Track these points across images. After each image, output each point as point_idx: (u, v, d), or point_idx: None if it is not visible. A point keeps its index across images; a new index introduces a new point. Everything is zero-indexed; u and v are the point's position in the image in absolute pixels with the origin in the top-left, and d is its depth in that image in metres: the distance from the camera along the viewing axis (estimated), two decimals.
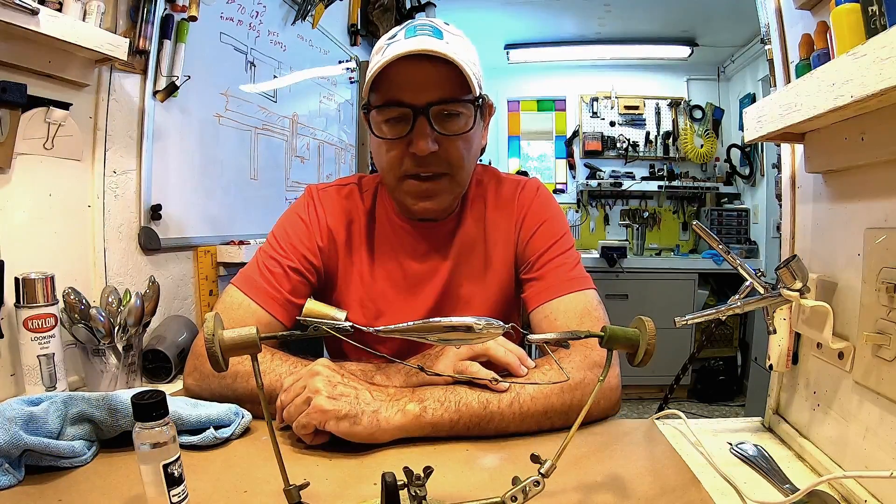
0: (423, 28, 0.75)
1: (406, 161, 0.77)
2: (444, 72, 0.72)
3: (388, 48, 0.73)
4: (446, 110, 0.75)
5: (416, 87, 0.73)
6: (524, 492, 0.45)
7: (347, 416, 0.59)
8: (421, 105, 0.73)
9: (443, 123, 0.75)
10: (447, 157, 0.77)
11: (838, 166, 0.61)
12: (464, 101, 0.75)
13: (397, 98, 0.74)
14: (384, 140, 0.77)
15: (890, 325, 0.51)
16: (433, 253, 0.87)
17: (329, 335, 0.44)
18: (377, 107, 0.76)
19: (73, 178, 0.96)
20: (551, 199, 0.92)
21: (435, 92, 0.74)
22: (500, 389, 0.65)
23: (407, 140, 0.75)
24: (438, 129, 0.75)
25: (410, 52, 0.70)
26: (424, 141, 0.73)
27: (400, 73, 0.72)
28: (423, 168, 0.77)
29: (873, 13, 0.48)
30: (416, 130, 0.74)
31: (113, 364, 0.85)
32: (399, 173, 0.78)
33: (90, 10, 0.89)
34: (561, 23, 3.24)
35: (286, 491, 0.44)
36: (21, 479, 0.52)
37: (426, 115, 0.73)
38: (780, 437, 0.69)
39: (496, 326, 0.45)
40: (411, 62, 0.71)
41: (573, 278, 0.81)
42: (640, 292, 3.22)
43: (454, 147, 0.77)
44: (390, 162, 0.78)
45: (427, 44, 0.71)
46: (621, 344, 0.48)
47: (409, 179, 0.78)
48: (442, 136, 0.75)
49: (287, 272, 0.81)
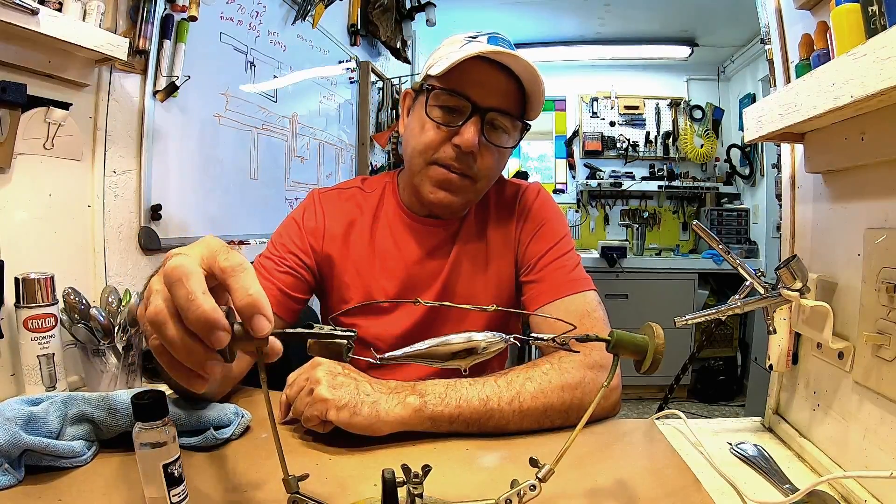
0: (504, 41, 0.79)
1: (444, 149, 0.78)
2: (513, 86, 0.78)
3: (468, 44, 0.76)
4: (499, 121, 0.78)
5: (486, 88, 0.76)
6: (519, 495, 0.45)
7: (347, 406, 0.60)
8: (483, 106, 0.76)
9: (489, 132, 0.78)
10: (480, 164, 0.79)
11: (838, 166, 0.61)
12: (516, 120, 0.80)
13: (464, 91, 0.76)
14: (430, 122, 0.78)
15: (890, 325, 0.51)
16: (435, 254, 0.88)
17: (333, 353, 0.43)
18: (443, 89, 0.77)
19: (73, 178, 0.96)
20: (551, 202, 0.93)
21: (498, 100, 0.77)
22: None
23: (454, 131, 0.77)
24: (485, 136, 0.78)
25: (496, 54, 0.74)
26: (473, 135, 0.75)
27: (474, 71, 0.76)
28: (456, 163, 0.78)
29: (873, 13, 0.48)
30: (467, 125, 0.76)
31: (113, 364, 0.85)
32: (430, 157, 0.79)
33: (90, 10, 0.89)
34: (561, 23, 3.24)
35: (284, 480, 0.43)
36: (21, 479, 0.51)
37: (482, 116, 0.76)
38: (780, 437, 0.69)
39: (499, 340, 0.45)
40: (488, 65, 0.76)
41: (573, 280, 0.81)
42: (640, 292, 3.22)
43: (489, 156, 0.80)
44: (426, 143, 0.79)
45: (525, 59, 0.75)
46: (628, 351, 0.46)
47: (437, 166, 0.79)
48: (485, 142, 0.78)
49: (279, 266, 0.83)
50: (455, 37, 0.81)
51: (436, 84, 0.78)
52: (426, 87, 0.79)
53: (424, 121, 0.79)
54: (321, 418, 0.61)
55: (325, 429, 0.62)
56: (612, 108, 3.80)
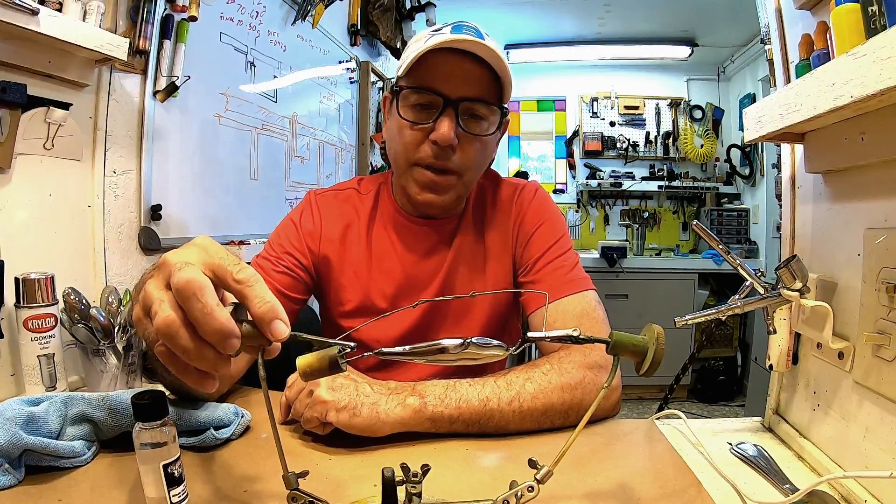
0: (469, 29, 0.77)
1: (423, 148, 0.77)
2: (482, 73, 0.75)
3: (431, 38, 0.74)
4: (474, 110, 0.77)
5: (452, 79, 0.75)
6: (517, 497, 0.44)
7: (347, 408, 0.60)
8: (453, 97, 0.75)
9: (467, 122, 0.77)
10: (462, 156, 0.78)
11: (838, 166, 0.60)
12: (492, 105, 0.77)
13: (433, 86, 0.75)
14: (406, 123, 0.77)
15: (890, 325, 0.51)
16: (432, 254, 0.88)
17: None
18: (411, 87, 0.76)
19: (73, 178, 0.96)
20: (549, 201, 0.92)
21: (469, 88, 0.75)
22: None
23: (429, 128, 0.76)
24: (462, 127, 0.76)
25: (461, 44, 0.72)
26: (448, 129, 0.74)
27: (440, 63, 0.74)
28: (437, 160, 0.77)
29: (873, 13, 0.48)
30: (441, 119, 0.75)
31: (113, 364, 0.85)
32: (412, 159, 0.79)
33: (90, 10, 0.89)
34: (561, 23, 3.24)
35: (284, 477, 0.43)
36: (21, 479, 0.51)
37: (455, 108, 0.75)
38: (780, 437, 0.69)
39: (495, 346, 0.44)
40: (453, 55, 0.74)
41: (571, 280, 0.81)
42: (640, 292, 3.21)
43: (471, 148, 0.78)
44: (406, 145, 0.78)
45: (479, 41, 0.73)
46: (628, 352, 0.46)
47: (419, 168, 0.79)
48: (463, 133, 0.77)
49: (276, 267, 0.83)
50: (421, 33, 0.80)
51: (404, 84, 0.77)
52: (395, 89, 0.79)
53: (400, 123, 0.78)
54: (321, 420, 0.61)
55: (325, 430, 0.62)
56: (612, 108, 3.80)
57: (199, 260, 0.40)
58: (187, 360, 0.38)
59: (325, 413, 0.60)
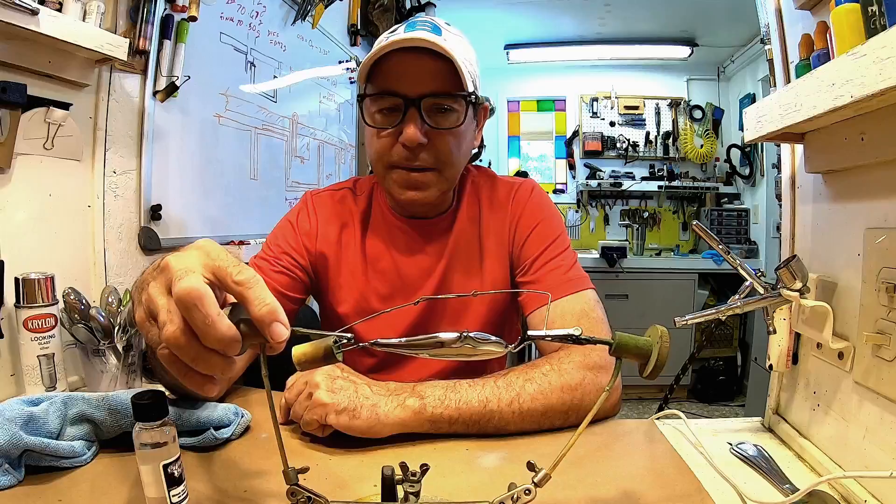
0: (424, 24, 0.76)
1: (395, 151, 0.77)
2: (439, 66, 0.74)
3: (386, 41, 0.74)
4: (438, 104, 0.76)
5: (410, 78, 0.74)
6: (513, 499, 0.44)
7: (346, 410, 0.60)
8: (413, 96, 0.74)
9: (434, 118, 0.76)
10: (436, 152, 0.78)
11: (838, 166, 0.60)
12: (456, 97, 0.76)
13: (391, 88, 0.75)
14: (375, 129, 0.78)
15: (890, 325, 0.51)
16: (428, 253, 0.88)
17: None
18: (371, 95, 0.77)
19: (73, 178, 0.96)
20: (546, 200, 0.92)
21: (428, 85, 0.75)
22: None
23: (397, 130, 0.76)
24: (430, 123, 0.76)
25: (405, 43, 0.72)
26: (414, 130, 0.74)
27: (395, 65, 0.74)
28: (411, 161, 0.77)
29: (873, 13, 0.48)
30: (406, 120, 0.75)
31: (113, 364, 0.85)
32: (387, 162, 0.79)
33: (90, 10, 0.89)
34: (561, 23, 3.24)
35: (284, 472, 0.43)
36: (21, 479, 0.51)
37: (418, 107, 0.75)
38: (780, 437, 0.69)
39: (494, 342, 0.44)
40: (408, 55, 0.73)
41: (570, 279, 0.81)
42: (640, 292, 3.22)
43: (444, 142, 0.78)
44: (379, 150, 0.79)
45: (423, 37, 0.72)
46: (631, 354, 0.45)
47: (396, 169, 0.79)
48: (432, 129, 0.76)
49: (274, 266, 0.83)
50: (379, 38, 0.80)
51: (366, 91, 0.78)
52: (358, 98, 0.80)
53: (370, 130, 0.79)
54: (320, 422, 0.61)
55: (325, 433, 0.62)
56: (612, 108, 3.80)
57: (200, 263, 0.40)
58: (195, 367, 0.39)
59: (325, 416, 0.60)
